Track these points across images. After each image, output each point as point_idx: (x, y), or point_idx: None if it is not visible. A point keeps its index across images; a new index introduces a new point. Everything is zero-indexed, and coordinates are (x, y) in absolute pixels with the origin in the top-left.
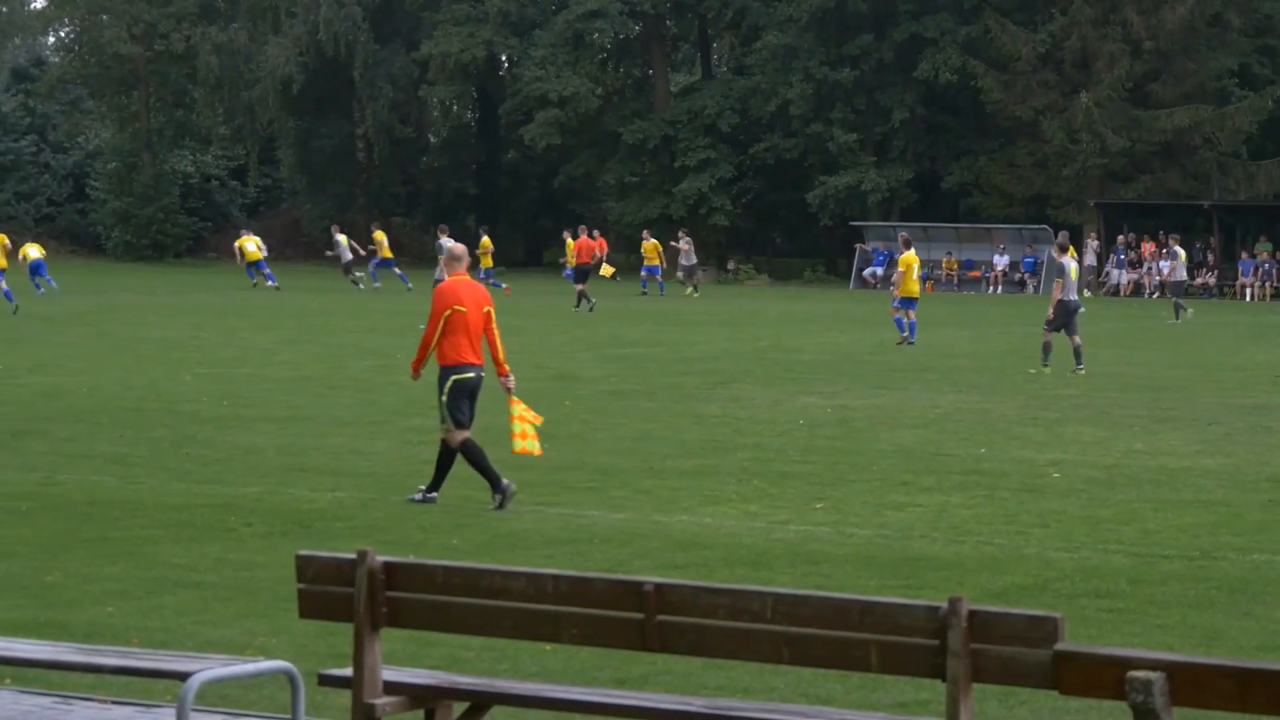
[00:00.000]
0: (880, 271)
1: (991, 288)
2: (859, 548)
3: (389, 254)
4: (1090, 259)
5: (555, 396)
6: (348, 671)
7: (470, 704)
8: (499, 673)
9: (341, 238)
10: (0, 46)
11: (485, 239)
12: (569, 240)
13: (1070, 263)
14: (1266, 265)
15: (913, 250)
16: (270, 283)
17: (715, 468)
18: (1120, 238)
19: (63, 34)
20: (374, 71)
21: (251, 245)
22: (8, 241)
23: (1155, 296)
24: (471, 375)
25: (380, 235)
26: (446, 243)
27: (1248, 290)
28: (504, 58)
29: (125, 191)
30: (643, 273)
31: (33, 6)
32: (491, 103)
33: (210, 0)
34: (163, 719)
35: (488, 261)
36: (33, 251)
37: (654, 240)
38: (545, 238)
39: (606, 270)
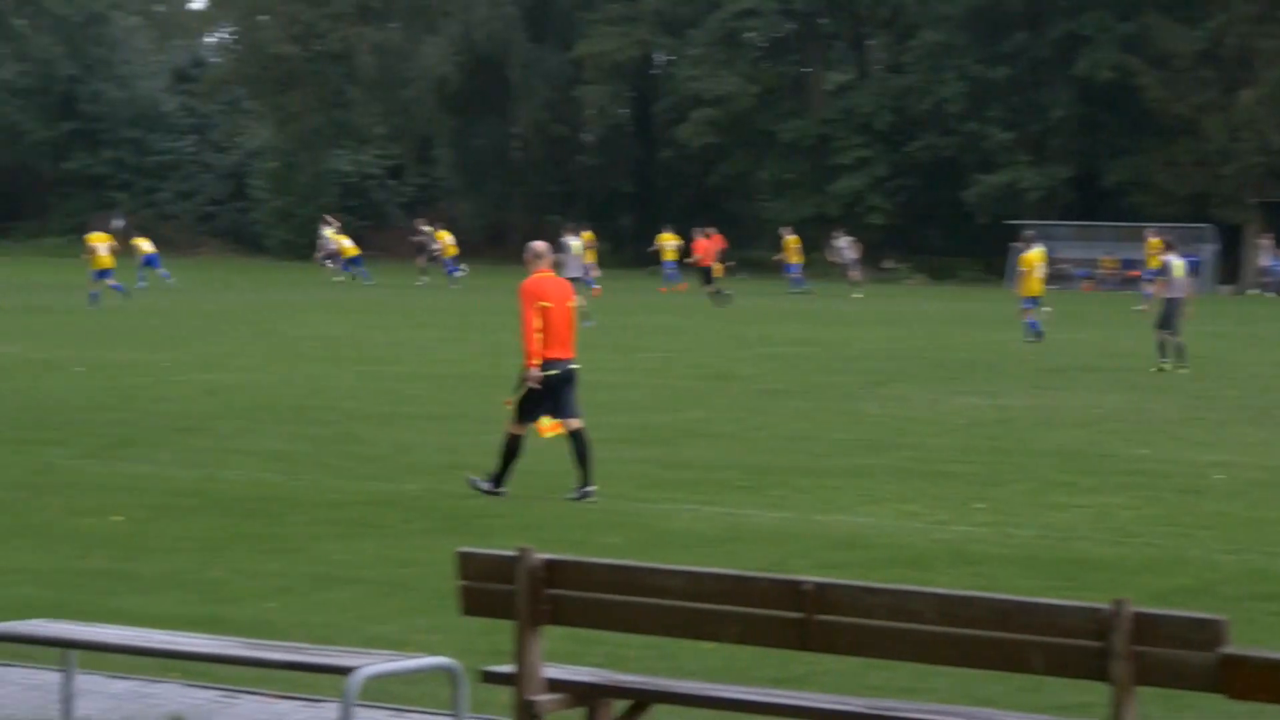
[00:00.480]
0: None
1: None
2: (1020, 548)
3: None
4: (1266, 259)
5: (712, 395)
6: (510, 668)
7: (632, 702)
8: (660, 671)
9: (433, 228)
10: (161, 47)
11: (587, 234)
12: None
13: (1175, 260)
14: None
15: (1036, 249)
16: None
17: (873, 467)
18: None
19: (222, 35)
20: (529, 71)
21: (348, 242)
22: (114, 242)
23: None
24: (556, 371)
25: (443, 233)
26: (571, 240)
27: None
28: (659, 57)
29: (285, 190)
30: (787, 271)
31: (191, 7)
32: (646, 101)
33: (367, 0)
34: (327, 714)
35: (590, 256)
36: (146, 246)
37: (794, 236)
38: None
39: (717, 269)
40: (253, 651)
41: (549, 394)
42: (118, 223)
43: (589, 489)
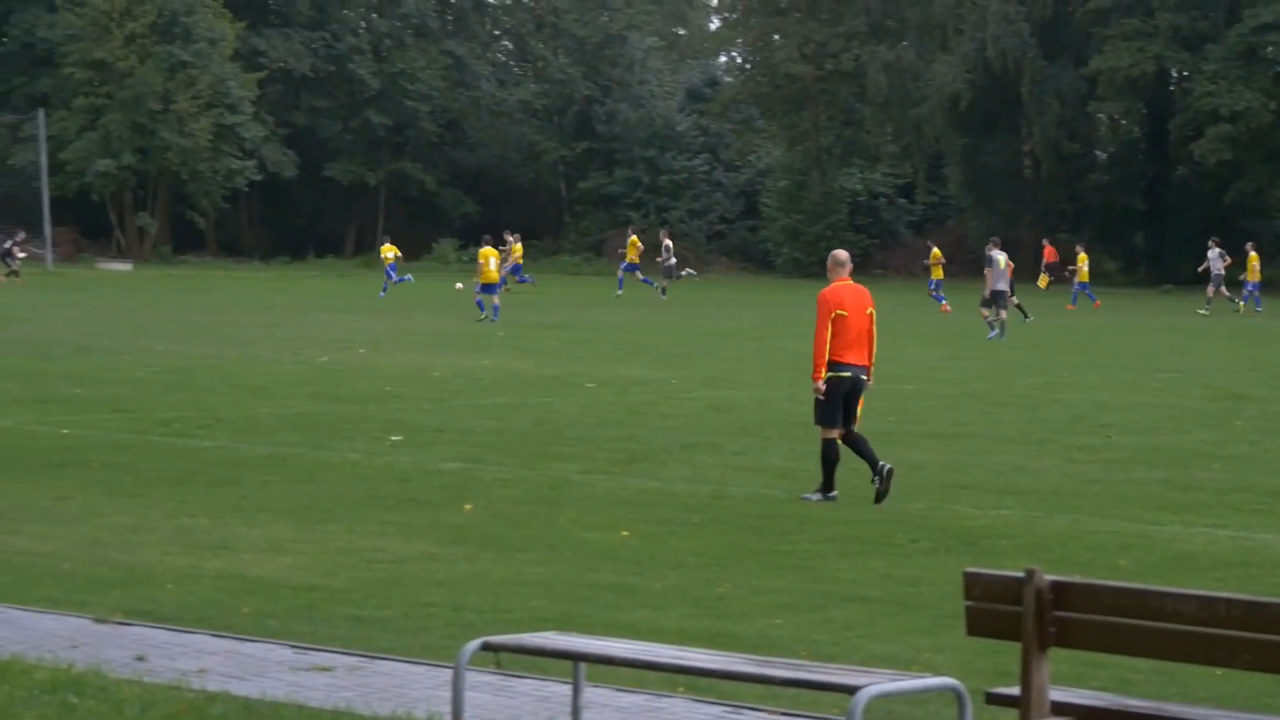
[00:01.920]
0: None
1: None
2: None
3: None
4: None
5: (1224, 416)
6: (1015, 690)
7: None
8: (1168, 696)
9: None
10: (674, 68)
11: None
12: (633, 236)
13: None
14: None
15: None
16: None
17: None
18: None
19: (734, 54)
20: (1041, 88)
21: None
22: (500, 257)
23: None
24: (848, 375)
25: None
26: (997, 254)
27: None
28: (1174, 72)
29: (795, 209)
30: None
31: (710, 27)
32: (1160, 118)
33: (880, 19)
34: None
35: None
36: (389, 254)
37: (1256, 254)
38: None
39: (1042, 281)
40: (758, 668)
41: (839, 398)
42: (633, 235)
43: (833, 495)
